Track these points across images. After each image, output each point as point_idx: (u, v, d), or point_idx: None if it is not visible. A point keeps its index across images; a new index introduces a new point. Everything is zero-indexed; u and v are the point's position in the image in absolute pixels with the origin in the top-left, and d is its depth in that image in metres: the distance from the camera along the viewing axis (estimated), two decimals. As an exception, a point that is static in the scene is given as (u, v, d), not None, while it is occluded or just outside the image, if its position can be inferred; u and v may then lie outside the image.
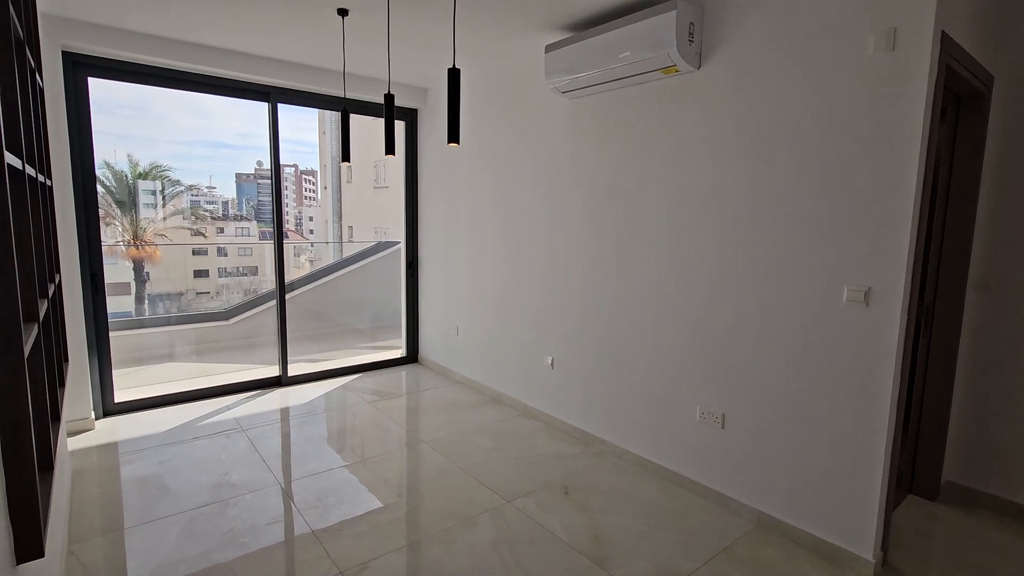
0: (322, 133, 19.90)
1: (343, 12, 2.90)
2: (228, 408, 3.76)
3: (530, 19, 2.96)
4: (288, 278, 4.29)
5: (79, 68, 3.28)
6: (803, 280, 2.27)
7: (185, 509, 2.49)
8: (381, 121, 3.01)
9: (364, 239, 17.21)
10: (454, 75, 2.10)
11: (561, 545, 2.30)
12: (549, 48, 3.08)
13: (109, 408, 3.57)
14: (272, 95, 3.96)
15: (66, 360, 2.59)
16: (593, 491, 2.75)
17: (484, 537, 2.34)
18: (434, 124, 4.52)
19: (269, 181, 4.23)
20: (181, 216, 20.38)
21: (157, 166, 17.07)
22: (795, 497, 2.34)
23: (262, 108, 4.04)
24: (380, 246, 6.67)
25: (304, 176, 44.64)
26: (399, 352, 5.05)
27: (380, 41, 3.30)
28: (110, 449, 3.13)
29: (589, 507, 2.60)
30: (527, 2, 2.74)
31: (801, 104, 2.24)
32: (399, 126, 4.77)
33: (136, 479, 2.77)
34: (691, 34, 2.52)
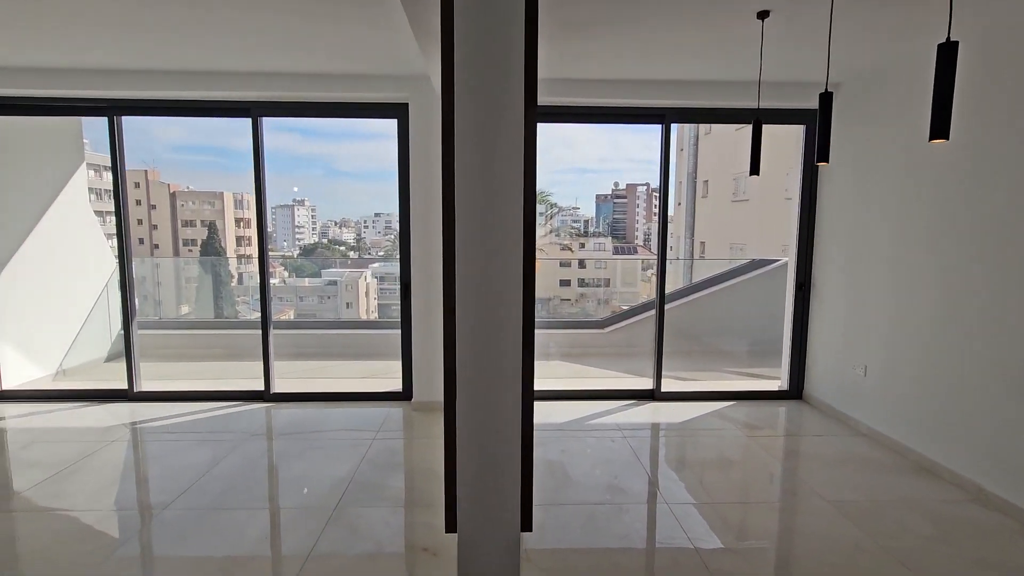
0: (679, 150, 20.21)
1: (763, 15, 2.70)
2: (608, 413, 4.04)
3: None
4: (636, 292, 4.34)
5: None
6: None
7: (586, 502, 2.72)
8: (743, 133, 2.71)
9: (717, 256, 16.59)
10: (947, 51, 1.63)
11: None
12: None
13: (520, 393, 4.31)
14: (667, 116, 4.08)
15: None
16: None
17: (947, 664, 1.74)
18: (846, 123, 3.83)
19: (623, 200, 4.38)
20: (554, 234, 24.11)
21: (542, 192, 20.62)
22: None
23: (621, 133, 4.34)
24: (754, 264, 6.18)
25: (655, 193, 46.37)
26: (777, 384, 4.50)
27: (799, 39, 2.96)
28: (522, 429, 3.75)
29: None
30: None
31: None
32: (792, 131, 4.25)
33: (545, 462, 3.20)
34: None
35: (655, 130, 4.20)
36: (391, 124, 4.04)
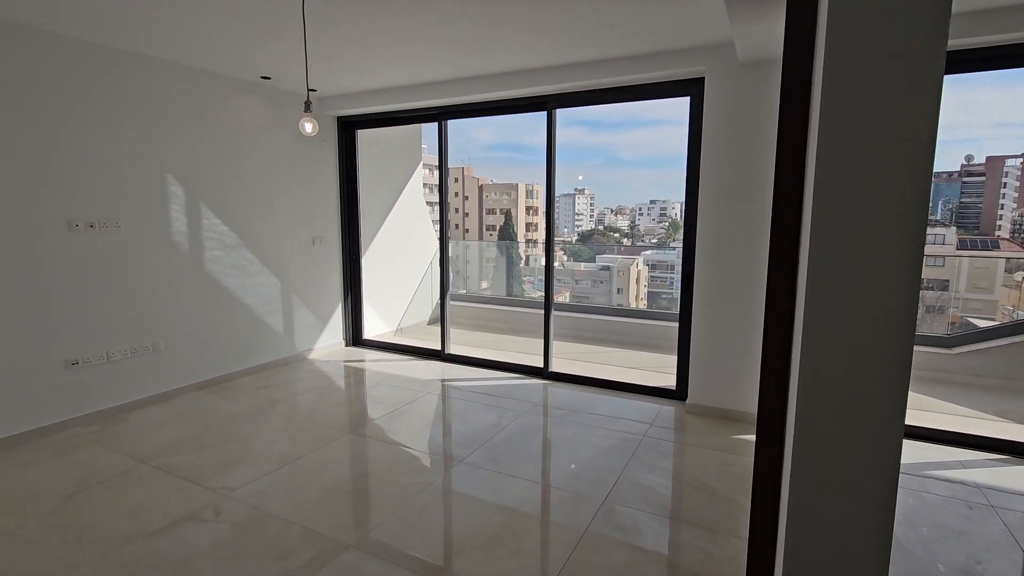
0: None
1: None
2: (962, 465, 2.99)
3: None
4: (993, 300, 2.96)
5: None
6: None
7: (925, 583, 2.03)
8: None
9: None
10: None
11: None
12: None
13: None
14: (1113, 44, 2.71)
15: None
16: None
17: None
18: None
19: (979, 179, 2.99)
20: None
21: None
22: None
23: (983, 89, 2.86)
24: None
25: (1038, 166, 32.79)
26: None
27: None
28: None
29: None
30: None
31: None
32: None
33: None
34: None
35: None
36: (672, 111, 3.86)
